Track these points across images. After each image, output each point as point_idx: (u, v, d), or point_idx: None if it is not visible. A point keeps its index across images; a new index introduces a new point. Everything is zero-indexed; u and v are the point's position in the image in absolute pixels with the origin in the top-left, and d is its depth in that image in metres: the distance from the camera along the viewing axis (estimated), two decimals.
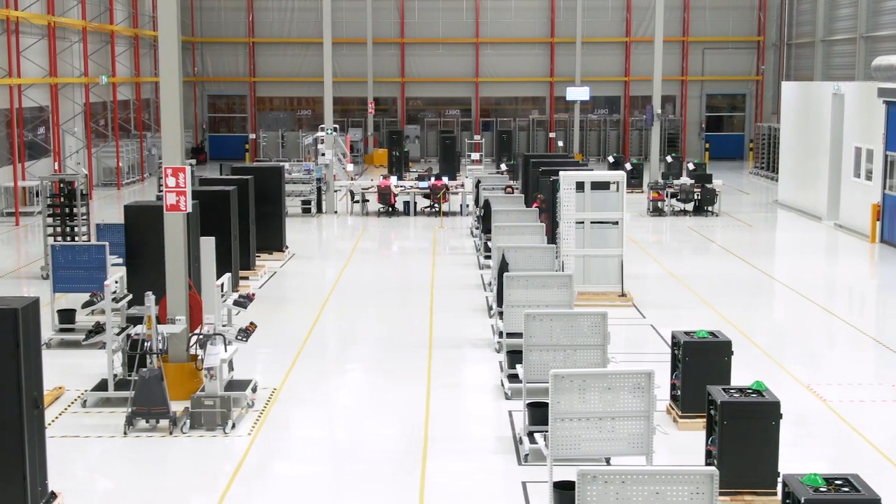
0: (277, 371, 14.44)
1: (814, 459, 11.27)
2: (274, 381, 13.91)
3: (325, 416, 12.85)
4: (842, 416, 12.57)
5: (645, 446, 9.10)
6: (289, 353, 15.38)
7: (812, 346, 16.32)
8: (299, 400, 13.28)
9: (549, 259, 15.70)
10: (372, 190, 30.43)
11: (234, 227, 18.93)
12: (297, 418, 12.63)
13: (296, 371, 14.51)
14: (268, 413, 12.66)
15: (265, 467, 11.04)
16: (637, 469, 6.84)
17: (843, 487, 7.85)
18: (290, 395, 13.40)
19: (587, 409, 9.02)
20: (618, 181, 18.59)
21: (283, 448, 11.65)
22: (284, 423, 12.39)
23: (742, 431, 9.81)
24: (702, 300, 18.99)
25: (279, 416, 12.62)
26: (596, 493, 6.81)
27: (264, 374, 14.19)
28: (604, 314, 11.28)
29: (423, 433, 11.95)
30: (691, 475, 6.79)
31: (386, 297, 19.55)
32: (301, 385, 13.90)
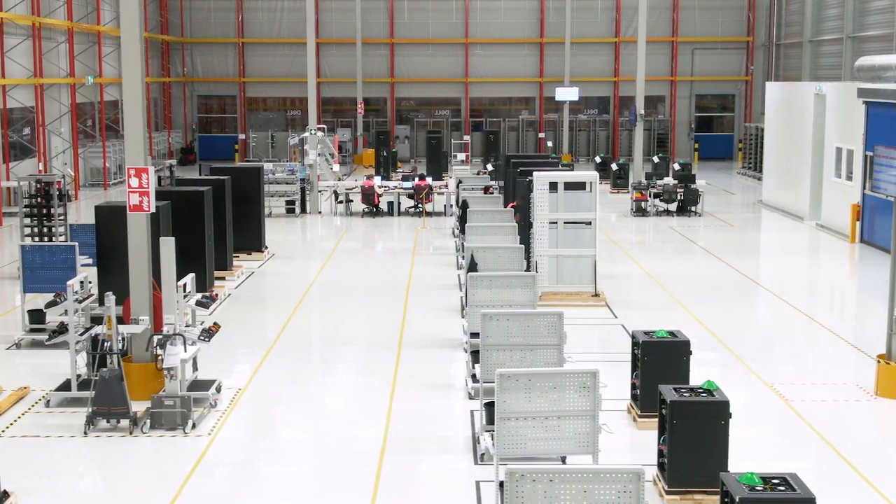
0: (244, 371, 14.48)
1: (768, 459, 11.30)
2: (240, 382, 13.95)
3: (286, 416, 12.88)
4: (801, 416, 12.61)
5: (591, 445, 9.13)
6: (258, 353, 15.42)
7: (781, 346, 16.37)
8: (263, 400, 13.32)
9: (518, 259, 15.74)
10: (356, 190, 30.48)
11: (209, 227, 18.95)
12: (258, 419, 12.67)
13: (262, 371, 14.54)
14: (230, 413, 12.70)
15: (221, 467, 11.08)
16: (564, 468, 6.88)
17: (779, 487, 7.89)
18: (255, 396, 13.43)
19: (533, 409, 9.05)
20: (591, 181, 18.63)
21: (241, 448, 11.69)
22: (246, 424, 12.42)
23: (691, 431, 9.85)
24: (676, 300, 19.04)
25: (241, 416, 12.66)
26: (524, 492, 6.85)
27: (231, 375, 14.23)
28: (560, 314, 11.32)
29: (384, 433, 11.99)
30: (618, 473, 6.83)
31: (361, 298, 19.59)
32: (266, 385, 13.93)
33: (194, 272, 18.28)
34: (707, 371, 14.66)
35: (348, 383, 14.25)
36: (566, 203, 18.54)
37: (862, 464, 11.06)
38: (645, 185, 30.53)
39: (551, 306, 18.40)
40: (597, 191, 18.63)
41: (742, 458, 11.14)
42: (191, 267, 18.37)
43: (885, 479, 10.67)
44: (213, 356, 14.97)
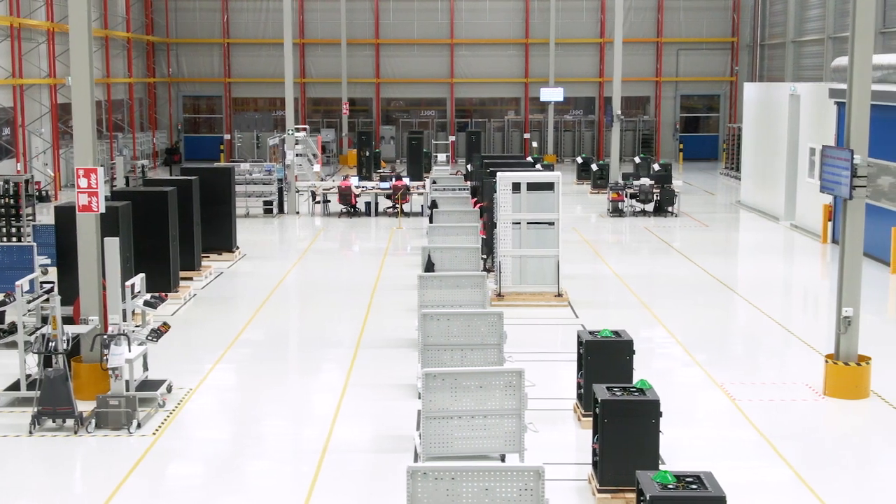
0: (198, 371, 14.51)
1: (704, 458, 11.34)
2: (192, 382, 13.99)
3: (234, 416, 12.92)
4: (746, 415, 12.66)
5: (518, 444, 9.18)
6: (214, 353, 15.46)
7: (739, 346, 16.43)
8: (213, 400, 13.36)
9: (475, 259, 15.79)
10: (334, 191, 30.52)
11: (174, 227, 18.98)
12: (205, 419, 12.71)
13: (216, 372, 14.59)
14: (177, 413, 12.74)
15: (160, 467, 11.12)
16: (466, 466, 6.93)
17: (692, 485, 7.94)
18: (205, 396, 13.48)
19: (459, 408, 9.10)
20: (556, 182, 18.67)
21: (183, 448, 11.73)
22: (192, 424, 12.46)
23: (622, 429, 9.90)
24: (640, 301, 19.09)
25: (189, 416, 12.70)
26: (427, 491, 6.89)
27: (184, 375, 14.26)
28: (500, 314, 11.38)
29: (328, 432, 12.03)
30: (520, 472, 6.88)
31: (326, 298, 19.64)
32: (218, 386, 13.97)
33: (158, 272, 18.51)
34: (660, 370, 14.74)
35: (300, 383, 14.30)
36: (529, 203, 18.59)
37: (798, 463, 11.11)
38: (622, 185, 30.59)
39: (514, 306, 18.49)
40: (559, 191, 18.67)
41: (678, 457, 11.22)
42: (155, 267, 18.52)
43: (819, 478, 10.72)
44: (169, 356, 15.04)
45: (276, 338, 16.71)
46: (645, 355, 15.67)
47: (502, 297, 18.67)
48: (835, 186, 13.21)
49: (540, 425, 12.35)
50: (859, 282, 13.37)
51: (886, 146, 22.55)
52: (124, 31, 43.02)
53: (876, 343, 16.15)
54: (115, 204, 16.70)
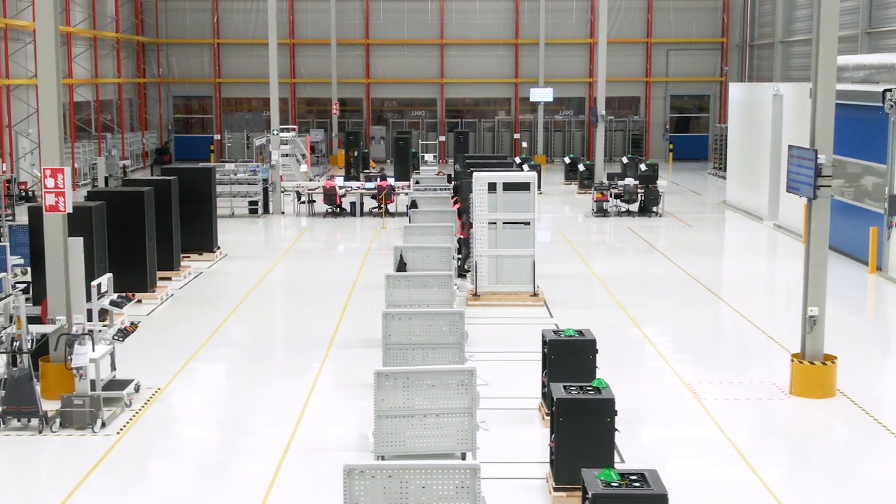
0: (168, 371, 14.54)
1: (663, 457, 11.39)
2: (161, 381, 14.02)
3: (200, 416, 12.96)
4: (710, 414, 12.70)
5: (470, 442, 9.22)
6: (186, 353, 15.49)
7: (710, 345, 16.46)
8: (180, 400, 13.40)
9: (447, 259, 15.83)
10: (319, 191, 30.56)
11: (151, 227, 19.00)
12: (171, 418, 12.74)
13: (186, 371, 14.62)
14: (143, 413, 12.77)
15: (121, 466, 11.15)
16: (403, 464, 6.97)
17: (635, 483, 7.98)
18: (172, 395, 13.51)
19: (412, 407, 9.14)
20: (530, 182, 18.71)
21: (146, 448, 11.76)
22: (157, 423, 12.49)
23: (577, 428, 9.93)
24: (616, 300, 19.13)
25: (154, 415, 12.73)
26: (364, 488, 6.94)
27: (154, 374, 14.28)
28: (461, 313, 11.42)
29: (291, 432, 12.07)
30: (455, 469, 6.92)
31: (303, 297, 19.69)
32: (186, 385, 14.01)
33: (135, 272, 18.55)
34: (629, 369, 14.80)
35: (270, 383, 14.32)
36: (505, 204, 18.63)
37: (756, 461, 11.15)
38: (606, 185, 30.64)
39: (489, 306, 18.55)
40: (535, 191, 18.71)
41: (638, 455, 11.27)
42: (131, 267, 18.58)
43: (775, 477, 10.77)
44: (141, 356, 15.09)
45: (248, 338, 16.74)
46: (616, 354, 15.73)
47: (478, 297, 18.72)
48: (800, 186, 13.25)
49: (506, 424, 12.43)
50: (825, 281, 13.43)
51: (869, 147, 22.60)
52: (113, 31, 43.04)
53: (856, 343, 16.29)
54: (88, 204, 16.75)
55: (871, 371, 14.91)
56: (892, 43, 32.53)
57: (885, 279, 20.92)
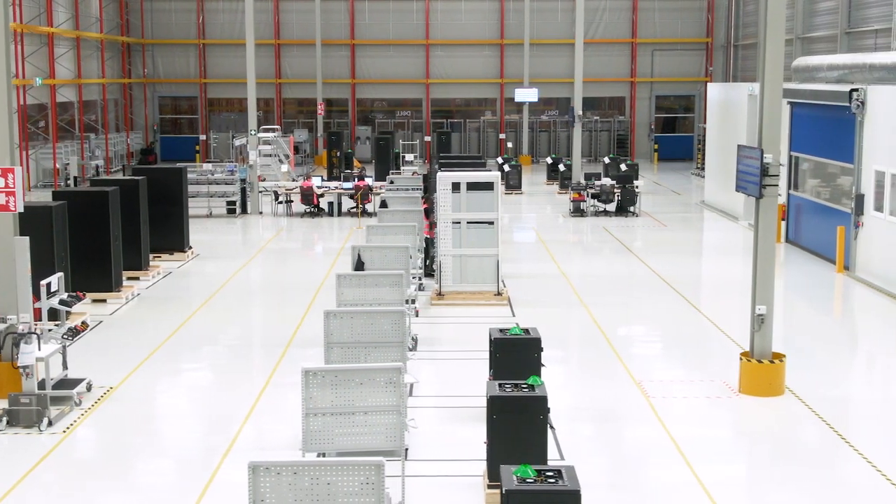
0: (122, 370, 14.57)
1: (606, 454, 11.45)
2: (113, 380, 14.06)
3: (148, 415, 12.99)
4: (657, 412, 12.75)
5: (398, 440, 9.28)
6: (143, 352, 15.53)
7: (667, 344, 16.51)
8: (130, 399, 13.42)
9: (404, 258, 15.89)
10: (296, 191, 30.62)
11: (116, 227, 19.02)
12: (119, 418, 12.76)
13: (141, 370, 14.65)
14: (92, 412, 12.82)
15: (63, 465, 11.20)
16: (308, 461, 7.02)
17: (550, 479, 8.04)
18: (124, 395, 13.55)
19: (340, 404, 9.20)
20: (494, 182, 18.76)
21: (91, 446, 11.81)
22: (104, 423, 12.53)
23: (510, 426, 9.98)
24: (580, 299, 19.18)
25: (103, 415, 12.77)
26: (269, 485, 6.99)
27: (108, 373, 14.32)
28: (402, 312, 11.47)
29: (236, 432, 12.11)
30: (360, 466, 6.97)
31: (269, 297, 19.75)
32: (139, 384, 14.04)
33: (99, 272, 18.60)
34: (583, 367, 14.87)
35: (223, 382, 14.37)
36: (469, 203, 18.68)
37: (696, 460, 11.20)
38: (583, 185, 30.71)
39: (453, 305, 18.61)
40: (498, 191, 18.77)
41: (579, 453, 11.32)
42: (96, 267, 18.63)
43: (711, 475, 10.82)
44: (97, 355, 15.16)
45: (207, 337, 16.76)
46: (572, 352, 15.83)
47: (442, 297, 18.78)
48: (747, 185, 13.31)
49: (453, 423, 12.49)
50: (772, 280, 13.49)
51: (838, 147, 22.65)
52: (98, 32, 43.06)
53: (816, 342, 16.43)
54: (48, 204, 16.80)
55: (826, 370, 14.96)
56: (870, 43, 32.62)
57: (853, 278, 20.98)
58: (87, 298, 14.84)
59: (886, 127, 20.10)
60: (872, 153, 20.73)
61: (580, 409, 12.99)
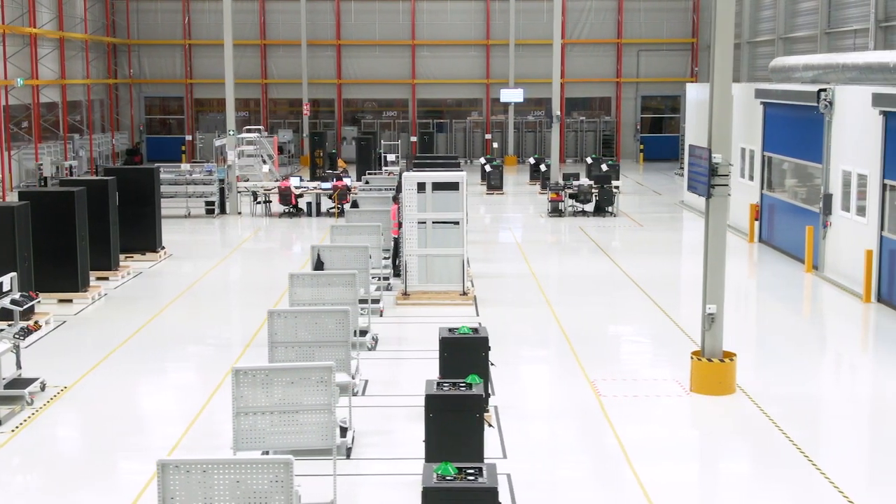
0: (78, 370, 14.61)
1: (549, 454, 11.49)
2: (69, 380, 14.09)
3: (99, 414, 13.01)
4: (605, 411, 12.79)
5: (331, 439, 9.32)
6: (102, 352, 15.56)
7: (625, 343, 16.55)
8: (83, 399, 13.46)
9: (363, 258, 15.92)
10: (274, 191, 30.66)
11: (83, 227, 19.05)
12: (68, 417, 12.80)
13: (98, 370, 14.68)
14: (43, 411, 12.85)
15: (6, 464, 11.23)
16: (217, 459, 7.06)
17: (471, 476, 8.08)
18: (77, 395, 13.58)
19: (272, 403, 9.24)
20: (459, 182, 18.81)
21: (36, 446, 11.83)
22: (53, 422, 12.56)
23: (446, 424, 10.03)
24: (545, 299, 19.22)
25: (53, 414, 12.80)
26: (178, 483, 7.03)
27: (64, 373, 14.35)
28: (346, 311, 11.51)
29: (182, 432, 12.14)
30: (269, 464, 7.01)
31: (235, 297, 19.78)
32: (94, 384, 14.07)
33: (65, 272, 18.64)
34: (538, 366, 14.91)
35: (177, 382, 14.41)
36: (435, 203, 18.73)
37: (636, 457, 11.25)
38: (561, 185, 30.76)
39: (419, 305, 18.65)
40: (464, 191, 18.81)
41: (522, 452, 11.37)
42: (61, 267, 18.67)
43: (650, 475, 10.86)
44: (56, 354, 15.21)
45: (169, 337, 16.78)
46: (530, 351, 15.87)
47: (408, 296, 18.83)
48: (697, 185, 13.36)
49: (399, 421, 12.53)
50: (723, 280, 13.53)
51: (808, 147, 22.70)
52: (82, 32, 43.09)
53: (778, 340, 16.50)
54: (11, 204, 16.84)
55: (782, 369, 15.00)
56: (849, 43, 32.70)
57: (821, 278, 21.03)
58: (39, 298, 14.86)
59: (853, 127, 20.16)
60: (840, 153, 20.78)
61: (529, 408, 13.04)
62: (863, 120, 19.55)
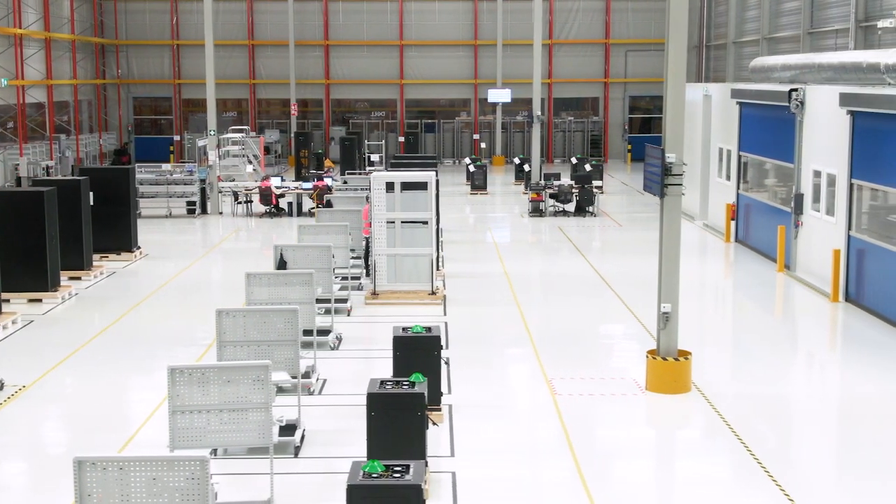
0: (40, 369, 14.65)
1: (497, 453, 11.53)
2: (29, 379, 14.13)
3: (54, 413, 13.07)
4: (559, 410, 12.83)
5: (267, 437, 9.36)
6: (66, 351, 15.60)
7: (587, 342, 16.54)
8: (40, 398, 13.49)
9: (326, 258, 15.97)
10: (255, 191, 30.71)
11: (52, 227, 19.08)
12: (21, 416, 12.84)
13: (59, 369, 14.72)
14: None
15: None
16: (134, 456, 7.11)
17: (397, 474, 8.12)
18: (34, 393, 13.62)
19: (208, 402, 9.28)
20: (428, 181, 18.84)
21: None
22: (7, 420, 12.61)
23: (388, 422, 10.08)
24: (514, 298, 19.26)
25: (9, 413, 12.84)
26: (95, 480, 7.07)
27: (25, 372, 14.39)
28: (295, 311, 11.55)
29: (134, 431, 12.18)
30: (185, 461, 7.06)
31: (205, 297, 19.81)
32: (52, 384, 14.11)
33: (34, 272, 18.69)
34: (498, 364, 14.95)
35: (135, 382, 14.43)
36: (403, 203, 18.77)
37: (582, 455, 11.28)
38: (542, 186, 30.80)
39: (387, 304, 18.69)
40: (433, 190, 18.85)
41: (472, 452, 11.40)
42: (31, 267, 18.72)
43: (595, 474, 10.90)
44: (20, 354, 15.25)
45: (134, 337, 16.79)
46: (492, 350, 15.90)
47: (377, 296, 18.88)
48: (651, 185, 13.40)
49: (354, 420, 12.55)
50: (678, 279, 13.58)
51: (780, 147, 22.73)
52: (69, 32, 43.13)
53: (743, 339, 16.54)
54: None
55: (742, 367, 15.06)
56: (830, 43, 32.73)
57: (792, 278, 21.07)
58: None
59: (823, 127, 20.20)
60: (811, 153, 20.83)
61: (484, 407, 13.07)
62: (831, 120, 19.60)
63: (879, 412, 12.89)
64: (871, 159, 18.13)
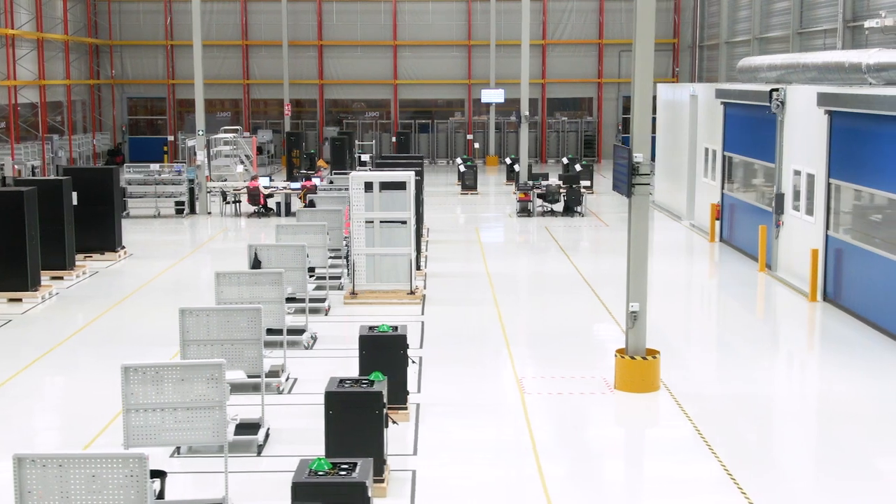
0: (13, 367, 14.70)
1: (461, 452, 11.55)
2: (2, 378, 14.18)
3: (23, 413, 13.10)
4: (526, 409, 12.85)
5: (222, 435, 9.39)
6: (41, 350, 15.64)
7: (562, 342, 16.49)
8: (10, 396, 13.55)
9: (301, 257, 16.00)
10: (244, 191, 30.76)
11: (32, 227, 19.13)
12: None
13: (32, 368, 14.77)
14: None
15: None
16: (73, 454, 7.15)
17: (343, 472, 8.15)
18: (5, 392, 13.67)
19: (162, 400, 9.31)
20: (406, 181, 18.88)
21: None
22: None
23: (346, 421, 10.11)
24: (493, 298, 19.29)
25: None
26: (35, 477, 7.11)
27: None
28: (258, 310, 11.59)
29: (99, 430, 12.22)
30: (124, 459, 7.10)
31: (185, 296, 19.81)
32: (24, 382, 14.16)
33: (14, 271, 18.74)
34: (469, 363, 14.98)
35: (107, 381, 14.42)
36: (382, 202, 18.81)
37: (544, 454, 11.30)
38: (529, 185, 30.83)
39: (366, 304, 18.73)
40: (411, 190, 18.88)
41: (436, 452, 11.43)
42: (10, 266, 18.77)
43: (556, 472, 10.92)
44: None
45: (111, 336, 16.84)
46: (465, 349, 15.92)
47: (356, 295, 18.91)
48: (619, 185, 13.43)
49: (321, 420, 12.57)
50: (645, 278, 13.59)
51: (761, 146, 22.74)
52: (62, 33, 43.21)
53: (728, 339, 16.54)
54: None
55: (714, 367, 15.08)
56: (819, 43, 32.75)
57: (773, 277, 21.08)
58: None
59: (802, 127, 20.21)
60: (791, 153, 20.84)
61: (452, 405, 13.10)
62: (810, 120, 19.61)
63: (854, 412, 12.90)
64: (849, 159, 18.14)
